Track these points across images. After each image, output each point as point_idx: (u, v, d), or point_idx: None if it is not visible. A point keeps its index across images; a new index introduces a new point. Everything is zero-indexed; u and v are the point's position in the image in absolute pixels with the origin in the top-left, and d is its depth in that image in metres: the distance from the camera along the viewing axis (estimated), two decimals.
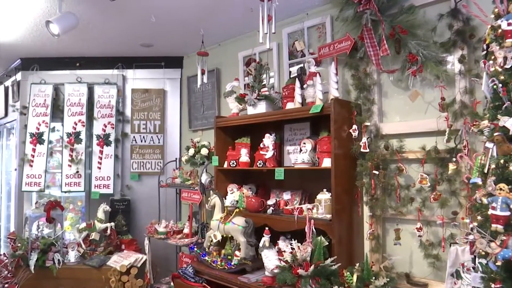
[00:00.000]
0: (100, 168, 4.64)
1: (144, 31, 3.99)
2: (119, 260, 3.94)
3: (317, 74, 2.92)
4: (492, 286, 1.59)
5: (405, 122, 2.75)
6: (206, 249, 3.35)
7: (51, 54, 4.71)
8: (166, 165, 4.67)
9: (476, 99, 2.34)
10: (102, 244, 4.20)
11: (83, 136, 4.61)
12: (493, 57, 1.73)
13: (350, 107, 2.87)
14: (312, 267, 2.46)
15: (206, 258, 3.25)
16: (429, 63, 2.50)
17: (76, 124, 4.63)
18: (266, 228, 2.90)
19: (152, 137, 4.85)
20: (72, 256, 4.00)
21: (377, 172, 2.71)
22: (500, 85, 1.65)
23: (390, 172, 2.74)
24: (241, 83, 3.86)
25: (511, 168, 1.58)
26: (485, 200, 1.64)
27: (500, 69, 1.67)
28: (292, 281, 2.51)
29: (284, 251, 2.66)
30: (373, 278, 2.37)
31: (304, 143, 2.99)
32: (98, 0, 3.21)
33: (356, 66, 2.93)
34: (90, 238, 4.19)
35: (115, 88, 4.77)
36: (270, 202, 3.21)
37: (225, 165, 3.51)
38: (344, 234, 2.74)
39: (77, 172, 4.56)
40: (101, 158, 4.66)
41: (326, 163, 2.81)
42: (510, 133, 1.61)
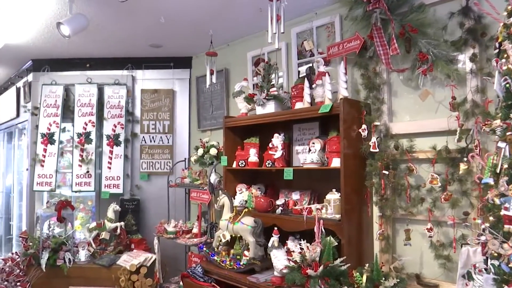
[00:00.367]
0: (110, 168, 4.68)
1: (153, 32, 4.02)
2: (129, 260, 3.97)
3: (326, 74, 2.90)
4: None
5: (415, 122, 2.72)
6: (215, 248, 3.36)
7: (61, 55, 4.76)
8: (175, 165, 4.69)
9: (488, 98, 2.31)
10: (112, 244, 4.23)
11: (93, 136, 4.66)
12: (505, 55, 1.71)
13: (359, 106, 2.85)
14: (321, 268, 2.45)
15: (215, 257, 3.26)
16: (439, 62, 2.47)
17: (87, 125, 4.67)
18: (275, 228, 2.89)
19: (161, 137, 4.87)
20: (83, 255, 4.03)
21: (387, 172, 2.69)
22: None
23: (400, 172, 2.71)
24: (249, 83, 3.87)
25: None
26: (497, 201, 1.62)
27: None
28: (301, 281, 2.50)
29: (293, 251, 2.66)
30: (383, 278, 2.36)
31: (313, 143, 2.98)
32: (108, 2, 3.24)
33: (365, 65, 2.91)
34: (100, 238, 4.22)
35: (124, 88, 4.81)
36: (279, 202, 3.21)
37: (234, 165, 3.51)
38: (353, 234, 2.72)
39: (88, 172, 4.60)
40: (111, 158, 4.69)
41: (335, 163, 2.80)
42: None
